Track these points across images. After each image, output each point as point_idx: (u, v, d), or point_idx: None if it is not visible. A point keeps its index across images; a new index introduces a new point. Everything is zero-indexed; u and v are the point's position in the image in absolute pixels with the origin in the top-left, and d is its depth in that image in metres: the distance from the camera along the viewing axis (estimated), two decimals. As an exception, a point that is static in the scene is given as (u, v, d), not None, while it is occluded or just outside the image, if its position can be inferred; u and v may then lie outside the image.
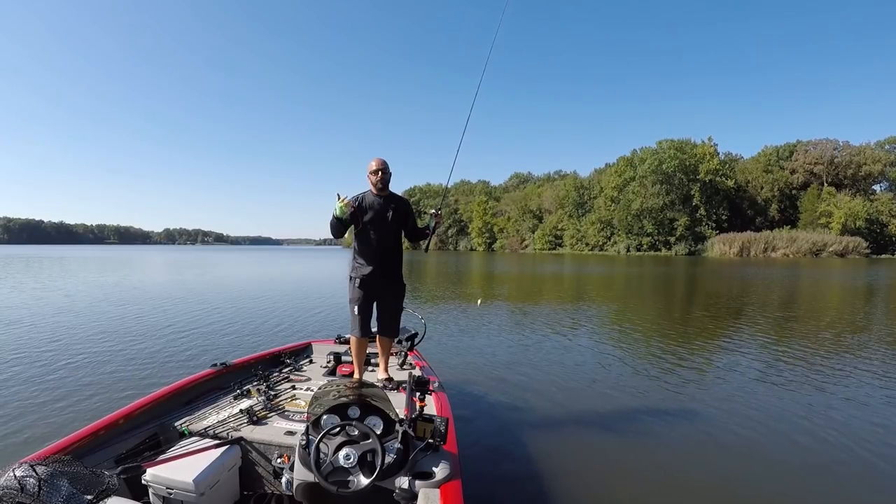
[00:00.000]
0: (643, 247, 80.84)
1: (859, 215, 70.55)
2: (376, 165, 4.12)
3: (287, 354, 4.78)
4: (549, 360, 7.69)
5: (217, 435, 3.02)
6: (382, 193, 4.18)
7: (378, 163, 4.13)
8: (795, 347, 8.70)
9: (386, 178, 4.15)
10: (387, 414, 2.69)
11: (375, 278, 4.12)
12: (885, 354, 8.19)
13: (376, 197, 4.15)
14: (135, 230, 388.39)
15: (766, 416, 5.28)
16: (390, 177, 4.20)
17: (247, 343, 8.66)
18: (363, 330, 4.11)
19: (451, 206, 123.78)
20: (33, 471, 1.71)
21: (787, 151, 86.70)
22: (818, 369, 7.20)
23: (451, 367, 7.00)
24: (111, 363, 7.17)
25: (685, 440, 4.67)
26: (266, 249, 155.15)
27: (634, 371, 7.18)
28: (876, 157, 79.17)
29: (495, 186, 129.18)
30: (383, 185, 4.16)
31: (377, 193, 4.17)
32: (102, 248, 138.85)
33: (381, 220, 4.11)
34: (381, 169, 4.12)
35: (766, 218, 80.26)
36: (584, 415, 5.37)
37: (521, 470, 4.00)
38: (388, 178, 4.18)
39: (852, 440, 4.62)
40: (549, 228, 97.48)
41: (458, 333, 9.85)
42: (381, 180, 4.13)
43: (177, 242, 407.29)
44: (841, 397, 5.92)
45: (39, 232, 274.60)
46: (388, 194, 4.22)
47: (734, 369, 7.24)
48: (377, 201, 4.13)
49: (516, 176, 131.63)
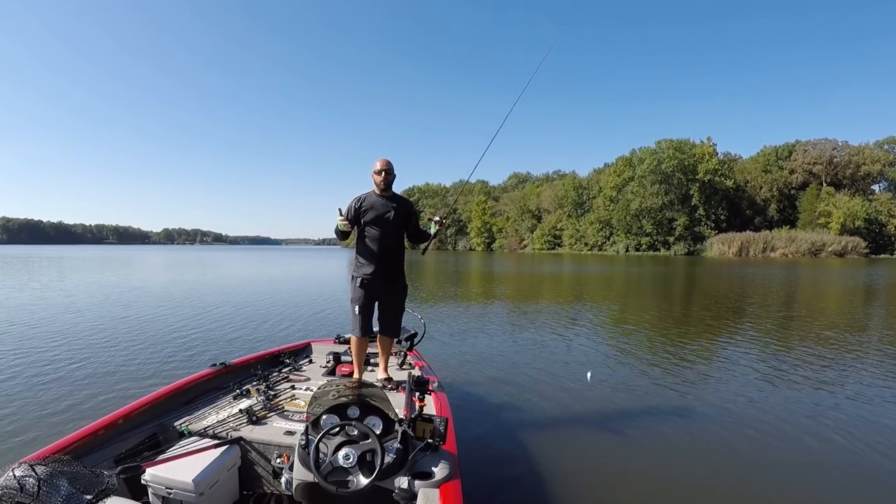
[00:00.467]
0: (642, 247, 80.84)
1: (858, 215, 70.55)
2: (381, 166, 4.13)
3: (286, 354, 4.78)
4: (549, 360, 7.69)
5: (217, 435, 3.02)
6: (385, 194, 4.19)
7: (383, 163, 4.14)
8: (796, 347, 8.72)
9: (390, 179, 4.17)
10: (386, 414, 2.69)
11: (377, 278, 4.13)
12: (886, 353, 8.21)
13: (378, 197, 4.16)
14: (133, 230, 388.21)
15: (769, 416, 5.28)
16: (394, 178, 4.22)
17: (246, 343, 8.66)
18: (364, 330, 4.12)
19: (450, 206, 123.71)
20: (33, 471, 1.71)
21: (786, 151, 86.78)
22: (820, 368, 7.21)
23: (450, 367, 7.01)
24: (111, 363, 7.16)
25: (686, 440, 4.67)
26: (265, 249, 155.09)
27: (634, 371, 7.19)
28: (875, 157, 79.26)
29: (494, 186, 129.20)
30: (386, 186, 4.17)
31: (380, 194, 4.18)
32: (101, 248, 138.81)
33: (382, 220, 4.12)
34: (386, 170, 4.13)
35: (765, 218, 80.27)
36: (584, 415, 5.37)
37: (520, 470, 4.00)
38: (391, 180, 4.20)
39: (856, 440, 4.62)
40: (548, 228, 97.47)
41: (457, 333, 9.85)
42: (385, 181, 4.15)
43: (175, 242, 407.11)
44: (844, 396, 5.92)
45: (38, 232, 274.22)
46: (391, 195, 4.23)
47: (735, 369, 7.24)
48: (379, 202, 4.14)
49: (515, 176, 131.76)
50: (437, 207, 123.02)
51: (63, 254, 67.48)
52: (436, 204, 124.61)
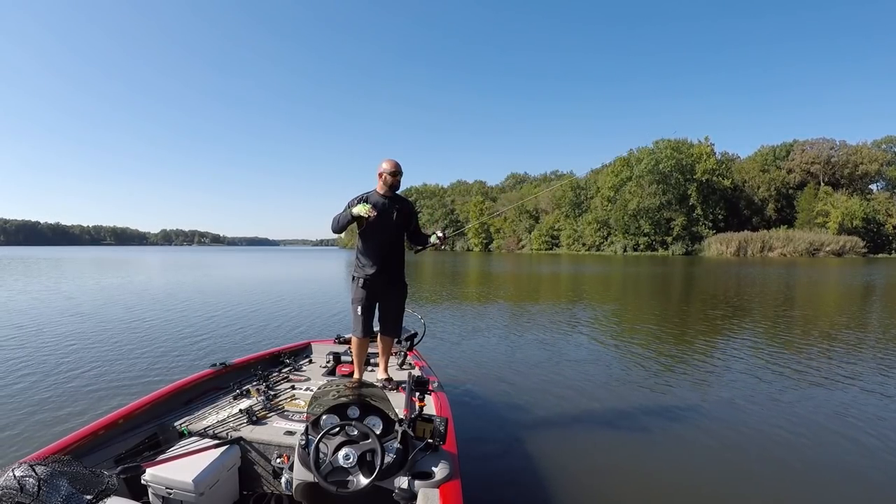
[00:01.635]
0: (640, 247, 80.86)
1: (856, 214, 70.62)
2: (393, 168, 4.12)
3: (286, 354, 4.78)
4: (548, 360, 7.70)
5: (217, 435, 3.02)
6: (388, 194, 4.16)
7: (395, 165, 4.13)
8: (798, 346, 8.74)
9: (398, 181, 4.17)
10: (386, 414, 2.69)
11: (379, 279, 4.12)
12: (886, 352, 8.23)
13: (381, 197, 4.13)
14: (131, 231, 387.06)
15: (768, 415, 5.30)
16: (401, 180, 4.22)
17: (246, 343, 8.67)
18: (365, 330, 4.11)
19: (448, 207, 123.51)
20: (33, 471, 1.71)
21: (783, 151, 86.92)
22: (823, 366, 7.23)
23: (450, 367, 7.02)
24: (111, 363, 7.16)
25: (686, 440, 4.68)
26: (263, 250, 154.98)
27: (635, 371, 7.19)
28: (873, 157, 79.34)
29: (492, 187, 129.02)
30: (395, 188, 4.17)
31: (383, 194, 4.15)
32: (99, 249, 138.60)
33: (385, 220, 4.08)
34: (398, 171, 4.13)
35: (763, 217, 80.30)
36: (584, 415, 5.37)
37: (520, 470, 4.00)
38: (399, 182, 4.20)
39: (861, 440, 4.64)
40: (546, 228, 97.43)
41: (457, 333, 9.86)
42: (395, 183, 4.15)
43: (173, 243, 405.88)
44: (843, 398, 5.93)
45: (35, 233, 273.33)
46: (393, 195, 4.20)
47: (735, 369, 7.26)
48: (382, 202, 4.10)
49: (513, 176, 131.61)
50: (434, 209, 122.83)
51: (61, 255, 67.30)
52: (433, 205, 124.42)
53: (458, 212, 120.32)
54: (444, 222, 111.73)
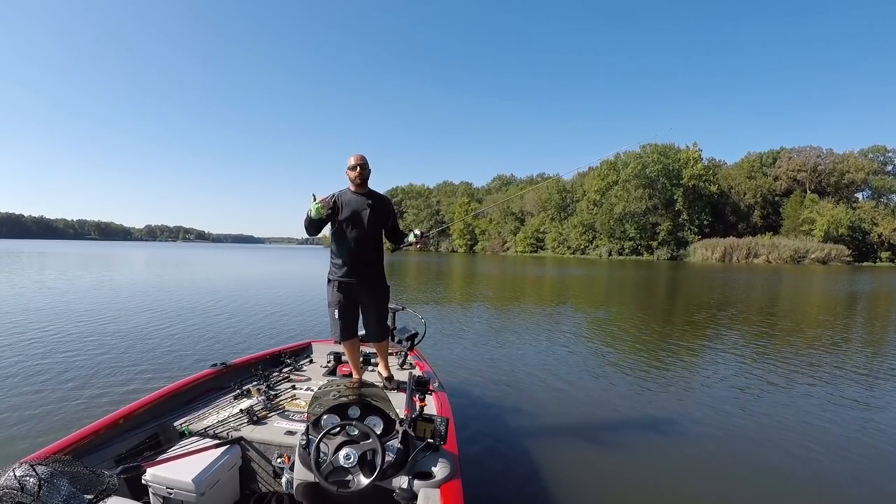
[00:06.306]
0: (625, 251, 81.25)
1: (842, 223, 71.21)
2: (354, 161, 3.90)
3: (287, 354, 4.77)
4: (548, 361, 7.80)
5: (217, 435, 3.03)
6: (361, 191, 3.96)
7: (356, 158, 3.91)
8: (783, 351, 8.89)
9: (364, 174, 3.94)
10: (387, 414, 2.71)
11: (354, 280, 3.93)
12: (871, 357, 8.37)
13: (354, 194, 3.94)
14: (115, 226, 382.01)
15: (761, 418, 5.40)
16: (369, 173, 3.98)
17: (247, 343, 8.65)
18: (343, 334, 3.95)
19: (433, 207, 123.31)
20: (33, 470, 1.72)
21: (770, 158, 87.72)
22: (805, 373, 7.36)
23: (451, 367, 7.07)
24: (111, 363, 7.11)
25: (685, 441, 4.77)
26: (250, 248, 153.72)
27: (633, 373, 7.29)
28: (859, 166, 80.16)
29: (478, 188, 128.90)
30: (362, 182, 3.94)
31: (355, 191, 3.96)
32: (83, 244, 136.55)
33: (358, 218, 3.88)
34: (360, 164, 3.90)
35: (749, 224, 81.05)
36: (583, 415, 5.44)
37: (520, 470, 4.05)
38: (366, 175, 3.96)
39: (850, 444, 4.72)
40: (531, 231, 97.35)
41: (458, 334, 9.94)
42: (360, 176, 3.91)
43: (158, 239, 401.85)
44: (834, 402, 6.04)
45: (19, 226, 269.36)
46: (367, 191, 4.00)
47: (734, 370, 7.40)
48: (355, 199, 3.92)
49: (499, 178, 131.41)
50: (420, 209, 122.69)
51: (45, 249, 66.13)
52: (419, 206, 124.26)
53: (444, 213, 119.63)
54: (429, 223, 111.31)
